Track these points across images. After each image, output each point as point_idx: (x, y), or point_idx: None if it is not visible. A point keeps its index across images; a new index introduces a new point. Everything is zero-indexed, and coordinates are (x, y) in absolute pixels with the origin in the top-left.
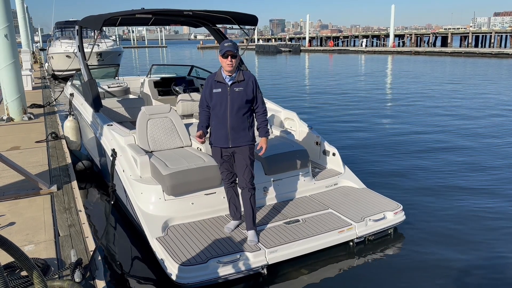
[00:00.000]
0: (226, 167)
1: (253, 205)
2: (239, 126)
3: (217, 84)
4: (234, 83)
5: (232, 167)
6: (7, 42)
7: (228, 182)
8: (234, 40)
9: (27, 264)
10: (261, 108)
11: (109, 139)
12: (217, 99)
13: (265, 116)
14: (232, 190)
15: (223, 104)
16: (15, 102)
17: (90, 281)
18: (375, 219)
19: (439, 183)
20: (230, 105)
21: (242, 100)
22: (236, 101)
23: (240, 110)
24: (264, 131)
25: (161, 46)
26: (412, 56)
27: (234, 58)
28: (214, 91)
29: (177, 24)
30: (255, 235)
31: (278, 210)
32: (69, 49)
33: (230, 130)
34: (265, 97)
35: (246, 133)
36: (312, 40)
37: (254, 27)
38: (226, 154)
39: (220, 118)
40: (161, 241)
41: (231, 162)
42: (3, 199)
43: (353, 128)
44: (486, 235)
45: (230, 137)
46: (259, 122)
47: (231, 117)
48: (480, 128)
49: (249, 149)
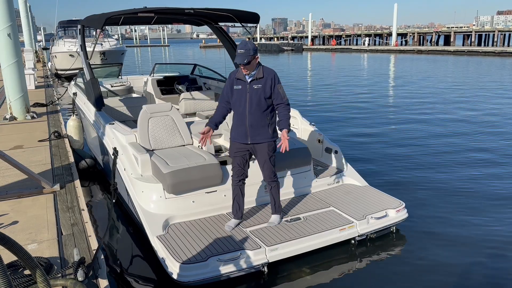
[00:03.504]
0: (238, 162)
1: (275, 196)
2: (257, 123)
3: (237, 81)
4: (253, 80)
5: (244, 164)
6: (10, 41)
7: (237, 179)
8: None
9: (30, 263)
10: (281, 102)
11: (110, 137)
12: (237, 96)
13: (285, 110)
14: (239, 188)
15: (242, 101)
16: (18, 101)
17: (93, 280)
18: (377, 217)
19: (442, 181)
20: (249, 102)
21: (260, 97)
22: (255, 98)
23: (259, 107)
24: (284, 124)
25: (164, 45)
26: (415, 55)
27: (248, 65)
28: (235, 88)
29: (180, 23)
30: (277, 219)
31: None
32: (72, 48)
33: (249, 127)
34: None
35: (265, 130)
36: (314, 39)
37: (256, 24)
38: (243, 149)
39: (239, 115)
40: (161, 240)
41: (246, 159)
42: (6, 197)
43: (355, 126)
44: (488, 235)
45: (249, 134)
46: (279, 115)
47: (250, 114)
48: (485, 128)
49: (267, 146)
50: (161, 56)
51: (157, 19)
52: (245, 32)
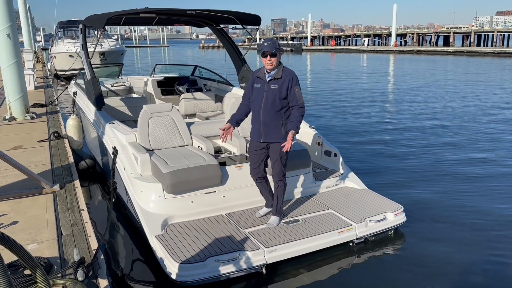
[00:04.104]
0: (254, 161)
1: (279, 196)
2: (271, 122)
3: (258, 80)
4: (272, 80)
5: (260, 162)
6: (9, 42)
7: (255, 178)
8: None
9: (31, 263)
10: (296, 104)
11: (110, 137)
12: (256, 94)
13: (298, 112)
14: (260, 185)
15: (259, 100)
16: (17, 102)
17: (93, 280)
18: (375, 220)
19: (442, 185)
20: (264, 101)
21: (275, 97)
22: (270, 98)
23: (273, 107)
24: (292, 125)
25: (163, 46)
26: (414, 55)
27: (274, 57)
28: (255, 86)
29: (181, 24)
30: (275, 221)
31: None
32: (72, 49)
33: (262, 126)
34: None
35: (278, 130)
36: (314, 40)
37: (257, 27)
38: (258, 148)
39: (255, 113)
40: (160, 239)
41: (261, 157)
42: (6, 198)
43: (355, 129)
44: (487, 238)
45: (263, 133)
46: (290, 116)
47: (264, 113)
48: (485, 129)
49: (280, 146)
50: (160, 56)
51: (158, 20)
52: (245, 33)
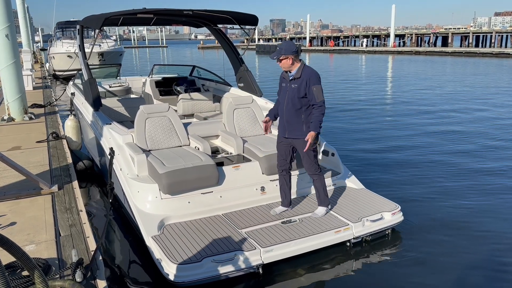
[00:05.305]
0: (281, 153)
1: (318, 188)
2: (292, 119)
3: (283, 79)
4: (292, 80)
5: (286, 155)
6: (8, 42)
7: (280, 170)
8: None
9: (29, 264)
10: (314, 103)
11: (107, 137)
12: (281, 93)
13: (317, 112)
14: (283, 178)
15: (283, 98)
16: (16, 102)
17: (91, 281)
18: (372, 220)
19: (438, 184)
20: (286, 99)
21: (294, 96)
22: (291, 96)
23: (293, 105)
24: (312, 126)
25: (162, 46)
26: (413, 56)
27: (280, 62)
28: (282, 85)
29: (179, 24)
30: (321, 211)
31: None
32: (71, 49)
33: (286, 122)
34: (264, 97)
35: (300, 127)
36: (312, 40)
37: (255, 27)
38: (285, 142)
39: (280, 110)
40: (156, 240)
41: (288, 150)
42: (4, 199)
43: (352, 129)
44: (485, 237)
45: (287, 129)
46: (312, 117)
47: (286, 110)
48: (483, 129)
49: (303, 142)
50: (159, 57)
51: (156, 20)
52: (243, 33)
